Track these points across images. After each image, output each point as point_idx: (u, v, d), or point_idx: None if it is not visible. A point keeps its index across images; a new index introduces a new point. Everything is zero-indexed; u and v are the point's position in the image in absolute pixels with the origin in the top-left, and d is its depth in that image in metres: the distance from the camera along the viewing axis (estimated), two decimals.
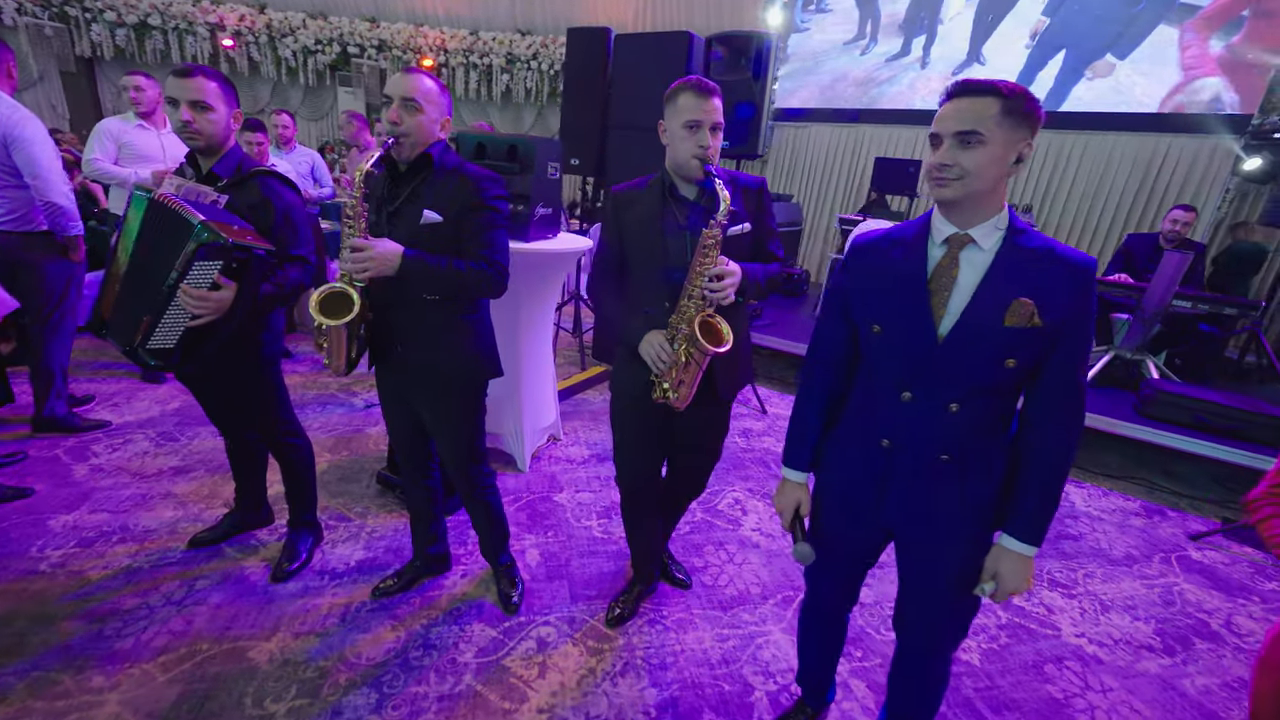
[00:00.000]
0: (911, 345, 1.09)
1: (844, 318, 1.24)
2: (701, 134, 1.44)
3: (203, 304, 1.50)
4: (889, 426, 1.16)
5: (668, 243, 1.55)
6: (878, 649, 1.96)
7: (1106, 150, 5.71)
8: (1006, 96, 0.97)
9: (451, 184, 1.54)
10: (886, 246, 1.16)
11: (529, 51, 9.26)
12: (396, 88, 1.46)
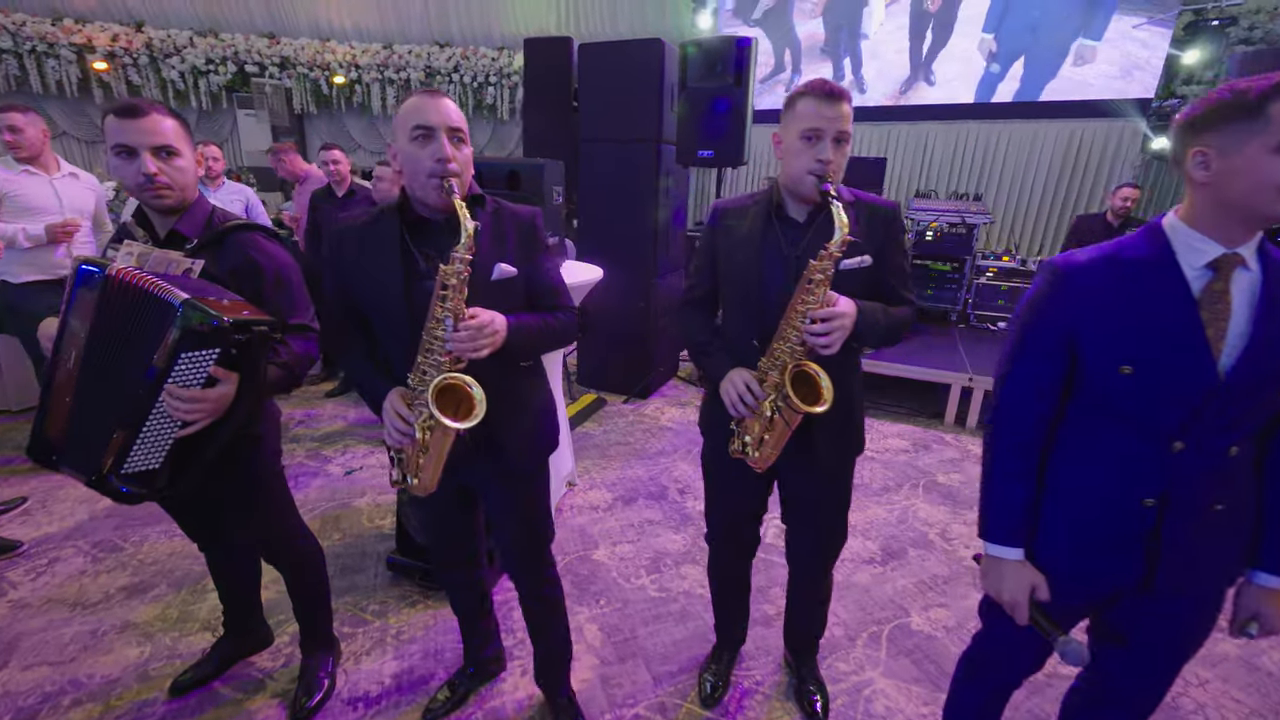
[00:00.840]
0: (1184, 387, 0.93)
1: (1060, 359, 1.04)
2: (821, 146, 1.21)
3: (196, 407, 1.15)
4: (1154, 482, 0.98)
5: (765, 271, 1.33)
6: None
7: (1029, 138, 6.09)
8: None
9: (506, 227, 1.28)
10: (1116, 270, 0.98)
11: (449, 64, 8.79)
12: (436, 116, 1.15)
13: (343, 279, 1.29)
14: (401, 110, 1.17)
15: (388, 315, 1.25)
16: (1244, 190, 0.85)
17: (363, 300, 1.28)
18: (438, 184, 1.14)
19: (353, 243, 1.27)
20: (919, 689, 1.81)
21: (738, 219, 1.41)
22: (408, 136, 1.14)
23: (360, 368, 1.32)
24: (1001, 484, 1.10)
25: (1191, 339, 0.91)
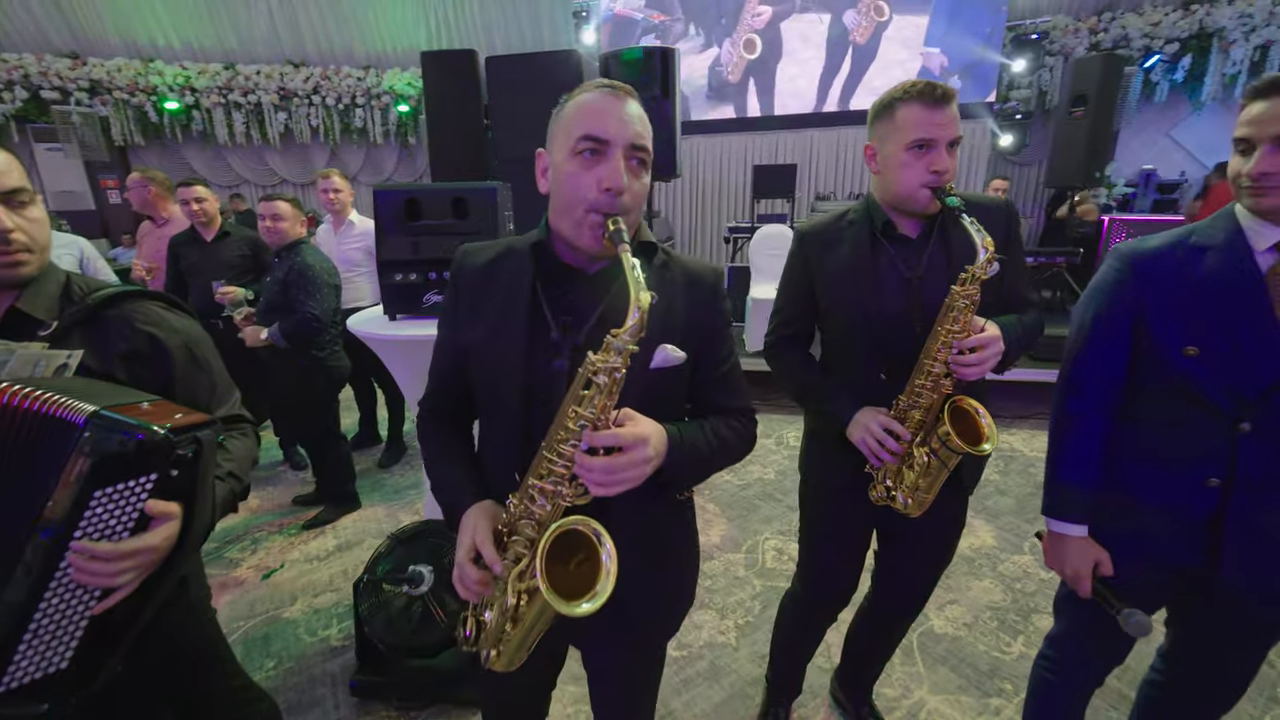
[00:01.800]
0: (1255, 367, 0.94)
1: (1128, 341, 1.07)
2: (936, 155, 1.09)
3: (125, 565, 0.78)
4: (1219, 462, 0.99)
5: (884, 297, 1.18)
6: None
7: None
8: None
9: (676, 290, 0.91)
10: (1184, 256, 1.02)
11: (308, 85, 7.95)
12: (617, 125, 0.80)
13: (459, 320, 0.94)
14: (568, 109, 0.84)
15: (495, 391, 0.91)
16: None
17: (471, 358, 0.93)
18: (599, 222, 0.80)
19: (479, 275, 0.93)
20: (968, 698, 1.77)
21: (831, 242, 1.24)
22: (570, 148, 0.81)
23: (441, 451, 0.97)
24: (1067, 460, 1.11)
25: (1262, 320, 0.93)
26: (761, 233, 4.27)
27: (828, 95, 6.73)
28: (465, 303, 0.93)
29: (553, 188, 0.86)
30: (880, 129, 1.16)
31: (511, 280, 0.90)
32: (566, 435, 0.76)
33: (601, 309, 0.86)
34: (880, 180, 1.19)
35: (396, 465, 3.41)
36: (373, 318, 2.10)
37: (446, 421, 1.00)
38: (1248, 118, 0.93)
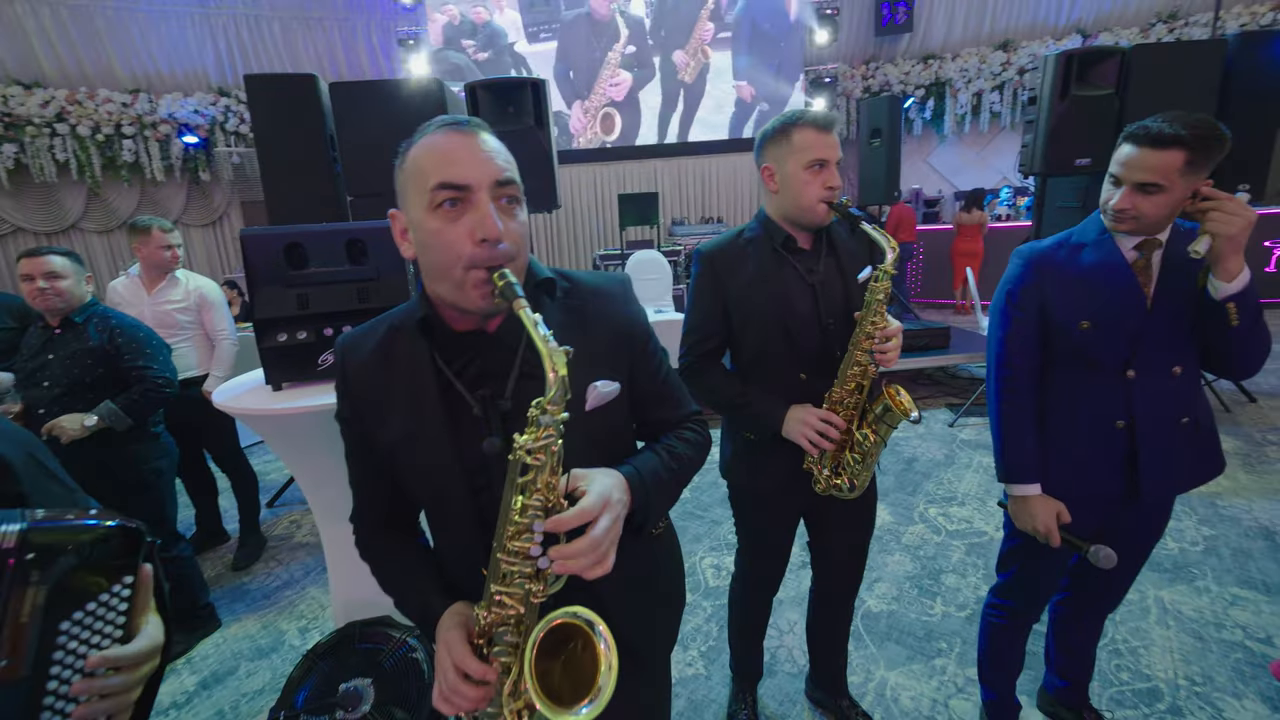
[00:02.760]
0: (1128, 329, 1.20)
1: (1036, 322, 1.28)
2: (829, 173, 1.24)
3: (129, 679, 0.64)
4: (1120, 407, 1.23)
5: (796, 304, 1.30)
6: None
7: (733, 167, 7.37)
8: (1192, 144, 1.07)
9: (590, 316, 0.85)
10: (1068, 252, 1.27)
11: (47, 111, 6.43)
12: (474, 167, 0.70)
13: (365, 423, 0.83)
14: (413, 158, 0.73)
15: (433, 490, 0.82)
16: None
17: (394, 461, 0.82)
18: (483, 278, 0.70)
19: (371, 369, 0.82)
20: (917, 665, 1.94)
21: (736, 259, 1.34)
22: (427, 203, 0.70)
23: (395, 568, 0.88)
24: (1014, 433, 1.30)
25: (1133, 295, 1.20)
26: (634, 259, 4.38)
27: (667, 129, 7.19)
28: (365, 403, 0.82)
29: (419, 251, 0.75)
30: (776, 151, 1.28)
31: (409, 365, 0.79)
32: (517, 530, 0.68)
33: (518, 365, 0.78)
34: (779, 198, 1.30)
35: (258, 563, 2.82)
36: (247, 388, 1.72)
37: (387, 532, 0.91)
38: (1121, 158, 1.16)
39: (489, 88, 2.99)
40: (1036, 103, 3.31)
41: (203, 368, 2.75)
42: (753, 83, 6.97)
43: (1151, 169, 1.10)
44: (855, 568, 1.57)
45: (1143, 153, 1.11)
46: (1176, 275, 1.19)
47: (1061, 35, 7.89)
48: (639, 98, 7.30)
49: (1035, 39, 8.02)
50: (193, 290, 2.71)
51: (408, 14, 6.92)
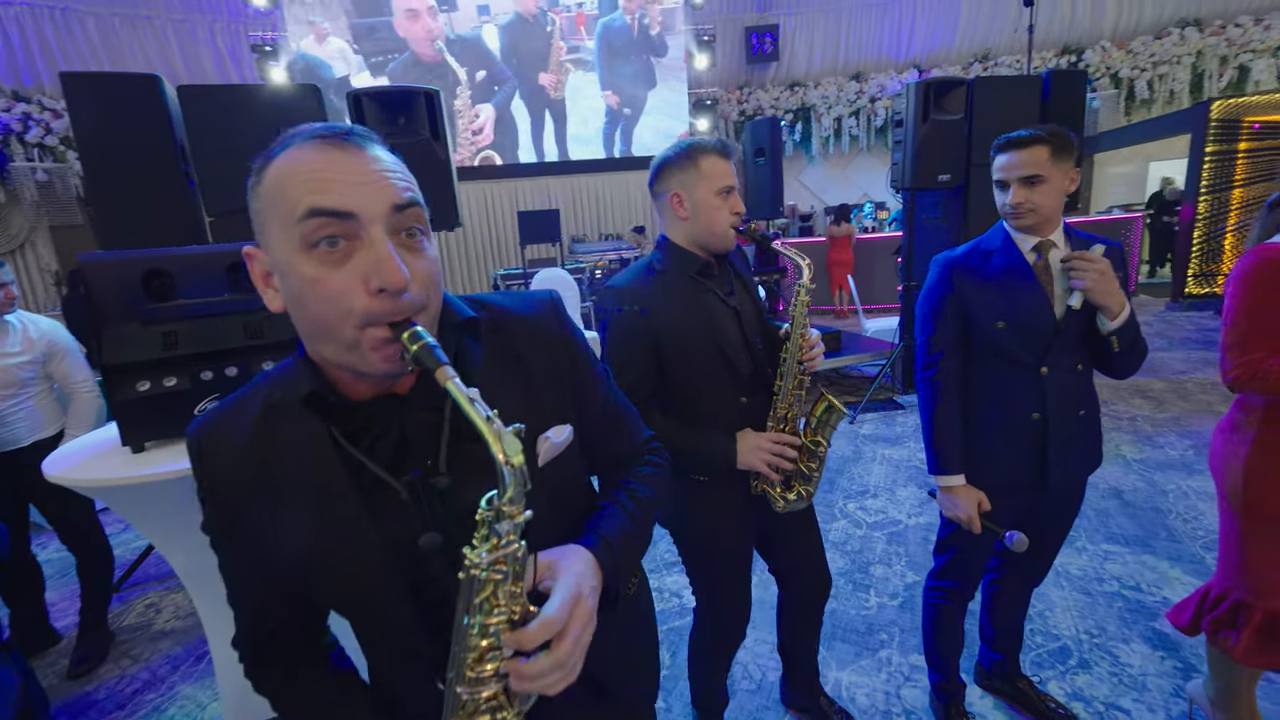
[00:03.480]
0: (1039, 329, 1.31)
1: (957, 324, 1.38)
2: (735, 199, 1.27)
3: None
4: (1035, 400, 1.34)
5: (724, 329, 1.28)
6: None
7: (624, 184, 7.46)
8: (1052, 141, 1.25)
9: (522, 348, 0.71)
10: (980, 259, 1.38)
11: None
12: (355, 193, 0.54)
13: (249, 536, 0.64)
14: (270, 178, 0.55)
15: (358, 607, 0.66)
16: None
17: (298, 577, 0.64)
18: (383, 339, 0.54)
19: (245, 466, 0.62)
20: (865, 660, 1.99)
21: (655, 293, 1.26)
22: (296, 240, 0.53)
23: (310, 701, 0.69)
24: (943, 429, 1.39)
25: (1039, 297, 1.32)
26: (541, 278, 4.24)
27: (543, 147, 7.12)
28: (243, 509, 0.63)
29: (290, 304, 0.56)
30: (684, 177, 1.24)
31: (302, 452, 0.61)
32: (478, 655, 0.54)
33: (446, 430, 0.62)
34: (689, 224, 1.26)
35: (105, 664, 2.30)
36: (92, 453, 1.38)
37: (287, 655, 0.71)
38: (1000, 165, 1.31)
39: (376, 97, 2.74)
40: (903, 125, 3.67)
41: (53, 426, 2.24)
42: (616, 91, 7.09)
43: (1026, 164, 1.26)
44: (821, 569, 1.57)
45: (1015, 154, 1.28)
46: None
47: (903, 69, 8.95)
48: (511, 112, 7.16)
49: (882, 71, 9.02)
50: (37, 338, 2.19)
51: (261, 17, 6.26)
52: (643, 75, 6.84)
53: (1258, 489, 1.33)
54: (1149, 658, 1.88)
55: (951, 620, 1.60)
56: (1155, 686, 1.77)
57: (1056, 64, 8.24)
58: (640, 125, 7.50)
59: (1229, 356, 1.30)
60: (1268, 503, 1.33)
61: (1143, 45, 8.10)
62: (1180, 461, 3.18)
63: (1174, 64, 7.94)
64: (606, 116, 6.98)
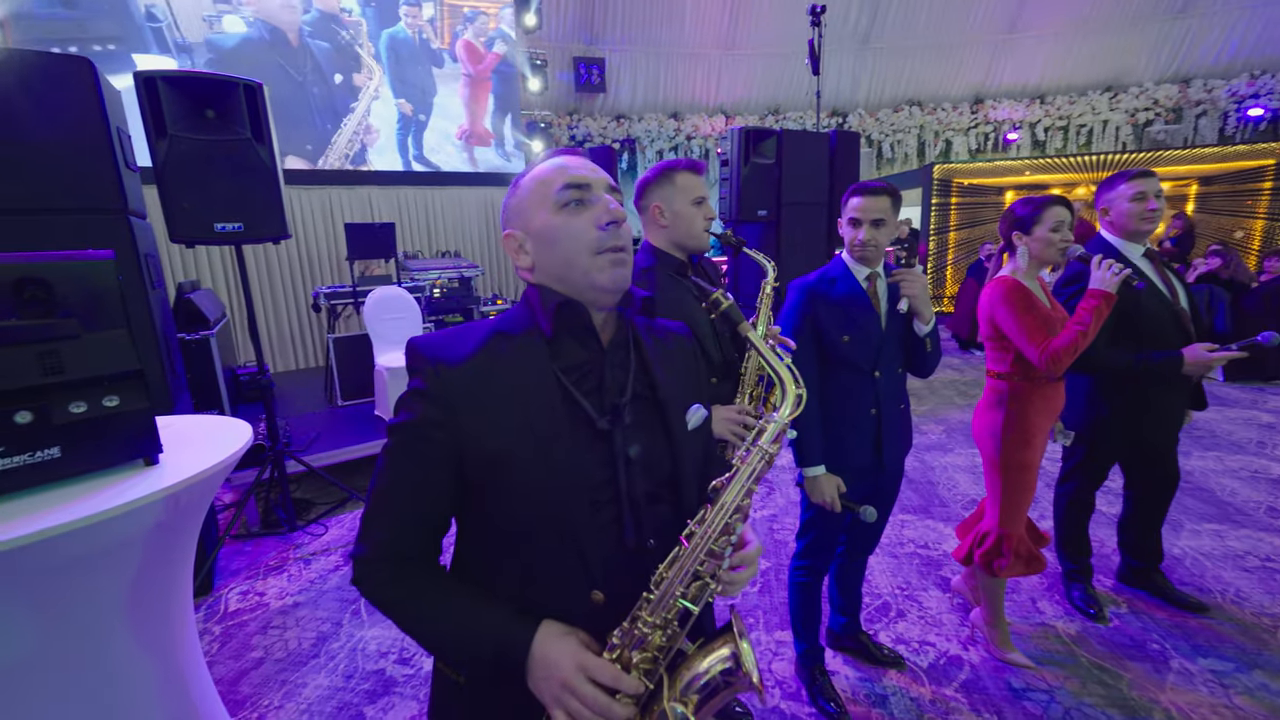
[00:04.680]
0: (872, 341, 1.65)
1: (814, 339, 1.66)
2: (707, 207, 1.50)
3: None
4: (872, 398, 1.67)
5: (700, 322, 1.47)
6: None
7: (458, 200, 7.15)
8: (892, 193, 1.60)
9: (671, 346, 0.94)
10: (827, 284, 1.67)
11: None
12: (587, 168, 0.82)
13: (459, 433, 0.75)
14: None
15: (544, 511, 0.75)
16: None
17: (500, 477, 0.75)
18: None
19: (476, 371, 0.76)
20: None
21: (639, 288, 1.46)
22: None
23: (443, 595, 0.76)
24: (803, 425, 1.65)
25: (872, 315, 1.65)
26: (375, 297, 3.90)
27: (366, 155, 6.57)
28: (464, 404, 0.74)
29: (539, 253, 0.80)
30: (663, 192, 1.51)
31: (525, 372, 0.77)
32: (726, 530, 0.72)
33: (630, 384, 0.82)
34: (670, 230, 1.52)
35: None
36: None
37: (424, 566, 0.79)
38: (855, 206, 1.62)
39: (176, 83, 2.32)
40: (729, 165, 4.16)
41: None
42: (409, 100, 6.84)
43: (877, 209, 1.59)
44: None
45: (870, 199, 1.60)
46: (894, 303, 1.69)
47: (713, 113, 10.04)
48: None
49: (695, 113, 10.01)
50: None
51: None
52: (428, 83, 6.61)
53: (1008, 449, 1.83)
54: (941, 599, 2.38)
55: (813, 594, 1.87)
56: (948, 620, 2.25)
57: (829, 124, 9.97)
58: (432, 131, 7.15)
59: (1030, 351, 1.76)
60: (1013, 458, 1.84)
61: (885, 116, 10.21)
62: (939, 444, 4.06)
63: (906, 133, 10.14)
64: (399, 122, 6.61)
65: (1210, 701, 1.81)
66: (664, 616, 0.71)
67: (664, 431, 0.82)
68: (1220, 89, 9.01)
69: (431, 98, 6.83)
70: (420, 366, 0.75)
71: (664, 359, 0.88)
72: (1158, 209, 1.94)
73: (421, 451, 0.75)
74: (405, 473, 0.75)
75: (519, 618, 0.72)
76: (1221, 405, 4.56)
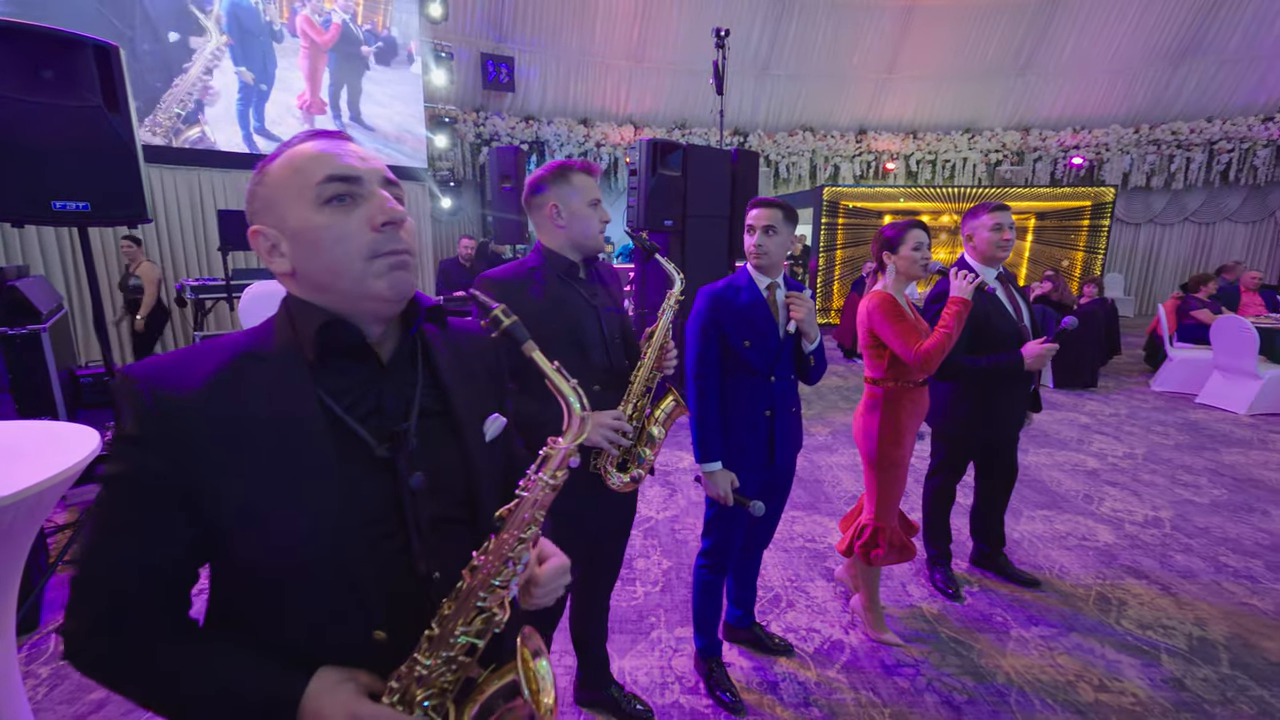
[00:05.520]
0: (770, 348, 1.77)
1: (713, 342, 1.75)
2: (602, 209, 1.49)
3: None
4: (766, 401, 1.79)
5: (587, 325, 1.48)
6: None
7: None
8: (784, 207, 1.73)
9: (468, 354, 0.88)
10: (733, 292, 1.77)
11: None
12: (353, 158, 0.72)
13: (189, 479, 0.63)
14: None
15: (311, 558, 0.66)
16: None
17: (244, 534, 0.65)
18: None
19: (210, 404, 0.64)
20: (642, 644, 2.25)
21: (522, 288, 1.43)
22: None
23: (202, 649, 0.65)
24: (709, 426, 1.75)
25: (771, 324, 1.78)
26: (252, 292, 3.56)
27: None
28: (196, 446, 0.63)
29: (299, 260, 0.69)
30: (559, 192, 1.46)
31: (278, 400, 0.66)
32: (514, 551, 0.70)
33: (417, 399, 0.74)
34: (565, 230, 1.48)
35: None
36: None
37: (162, 628, 0.65)
38: (752, 216, 1.74)
39: (7, 35, 1.99)
40: (638, 175, 4.25)
41: None
42: (251, 69, 6.38)
43: (770, 218, 1.73)
44: (620, 562, 1.79)
45: (764, 210, 1.74)
46: (784, 310, 1.83)
47: (622, 122, 10.18)
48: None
49: (605, 121, 10.10)
50: None
51: None
52: (270, 58, 6.20)
53: (880, 448, 2.03)
54: (826, 589, 2.58)
55: (716, 591, 1.95)
56: (831, 608, 2.44)
57: (731, 142, 10.47)
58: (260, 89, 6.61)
59: (905, 354, 1.95)
60: (886, 456, 2.04)
61: (782, 139, 10.90)
62: (825, 445, 4.39)
63: (800, 155, 10.89)
64: (240, 90, 6.11)
65: (1040, 664, 2.11)
66: (445, 655, 0.66)
67: (459, 449, 0.76)
68: (1052, 139, 10.56)
69: (273, 69, 6.38)
70: (134, 402, 0.62)
71: (460, 368, 0.81)
72: (1011, 239, 2.26)
73: (142, 506, 0.62)
74: (122, 532, 0.62)
75: (285, 672, 0.63)
76: (1051, 409, 5.32)
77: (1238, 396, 5.12)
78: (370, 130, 6.83)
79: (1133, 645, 2.20)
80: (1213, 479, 3.77)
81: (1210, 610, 2.41)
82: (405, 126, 7.06)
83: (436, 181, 7.45)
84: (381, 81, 6.85)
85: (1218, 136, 9.96)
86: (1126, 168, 10.33)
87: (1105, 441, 4.48)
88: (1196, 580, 2.64)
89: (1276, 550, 2.90)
